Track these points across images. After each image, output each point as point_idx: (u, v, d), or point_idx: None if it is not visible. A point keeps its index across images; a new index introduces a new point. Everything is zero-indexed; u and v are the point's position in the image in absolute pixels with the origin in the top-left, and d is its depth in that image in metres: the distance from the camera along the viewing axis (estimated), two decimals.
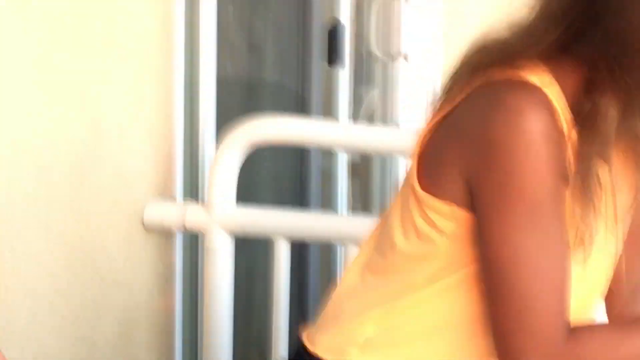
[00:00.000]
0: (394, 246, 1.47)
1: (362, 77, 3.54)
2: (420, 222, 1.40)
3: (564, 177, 1.33)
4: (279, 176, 3.27)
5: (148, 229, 2.38)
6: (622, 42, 1.30)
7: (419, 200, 1.41)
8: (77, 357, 2.29)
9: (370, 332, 1.46)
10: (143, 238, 2.40)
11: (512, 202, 1.35)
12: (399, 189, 1.49)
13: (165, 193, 2.47)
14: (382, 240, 1.51)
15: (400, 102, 3.46)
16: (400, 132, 2.84)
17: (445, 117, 1.40)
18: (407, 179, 1.44)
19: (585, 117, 1.35)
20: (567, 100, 1.36)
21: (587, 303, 1.49)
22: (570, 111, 1.35)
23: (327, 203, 3.29)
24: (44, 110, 2.11)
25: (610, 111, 1.33)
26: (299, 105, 3.24)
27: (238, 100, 3.02)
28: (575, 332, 1.38)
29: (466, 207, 1.35)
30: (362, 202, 3.59)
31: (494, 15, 1.33)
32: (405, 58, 3.41)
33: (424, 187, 1.41)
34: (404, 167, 2.27)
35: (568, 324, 1.36)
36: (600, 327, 1.52)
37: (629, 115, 1.32)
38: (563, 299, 1.36)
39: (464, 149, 1.39)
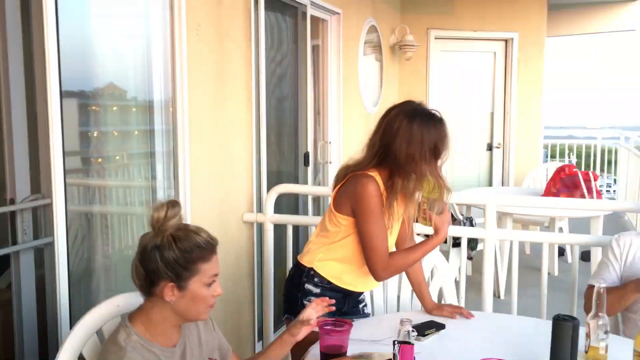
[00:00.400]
0: (326, 227, 2.01)
1: (317, 170, 4.54)
2: (335, 219, 1.97)
3: (382, 205, 1.89)
4: (288, 203, 3.81)
5: (245, 223, 3.16)
6: (399, 160, 1.87)
7: (334, 213, 1.97)
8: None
9: (321, 256, 2.02)
10: (243, 227, 3.17)
11: (366, 214, 1.89)
12: (328, 207, 2.03)
13: (249, 209, 3.18)
14: (323, 224, 2.05)
15: (329, 179, 4.39)
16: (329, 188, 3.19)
17: (340, 187, 1.97)
18: (330, 205, 2.02)
19: (389, 186, 1.92)
20: (383, 180, 1.92)
21: (391, 246, 2.02)
22: (384, 184, 1.91)
23: (305, 212, 3.96)
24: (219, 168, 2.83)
25: (397, 183, 1.90)
26: (296, 180, 3.97)
27: (274, 176, 3.56)
28: (391, 254, 1.96)
29: (351, 215, 1.92)
30: (317, 209, 4.29)
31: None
32: (331, 162, 4.43)
33: (336, 208, 1.97)
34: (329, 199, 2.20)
35: (388, 252, 1.94)
36: (398, 251, 2.06)
37: (404, 185, 1.89)
38: (386, 245, 1.92)
39: (348, 197, 1.93)
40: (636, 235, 2.24)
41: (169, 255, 1.42)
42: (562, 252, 5.48)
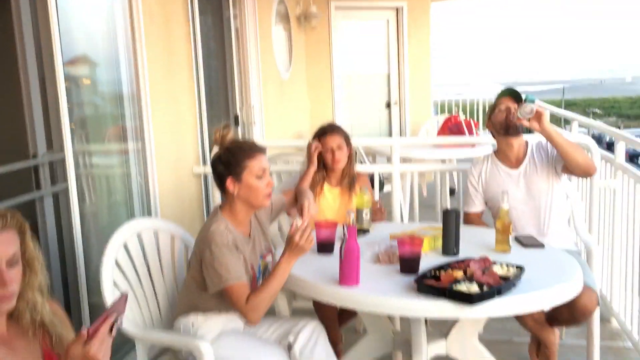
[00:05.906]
0: None
1: (245, 130, 5.08)
2: None
3: None
4: None
5: (194, 175, 3.61)
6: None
7: None
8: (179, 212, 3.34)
9: None
10: (193, 179, 3.60)
11: None
12: None
13: (197, 163, 3.80)
14: None
15: (254, 137, 5.08)
16: None
17: None
18: None
19: None
20: None
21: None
22: None
23: None
24: None
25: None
26: None
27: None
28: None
29: None
30: None
31: None
32: (255, 123, 5.36)
33: None
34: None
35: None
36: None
37: None
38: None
39: None
40: (484, 159, 2.66)
41: (225, 159, 2.05)
42: (452, 192, 6.52)
